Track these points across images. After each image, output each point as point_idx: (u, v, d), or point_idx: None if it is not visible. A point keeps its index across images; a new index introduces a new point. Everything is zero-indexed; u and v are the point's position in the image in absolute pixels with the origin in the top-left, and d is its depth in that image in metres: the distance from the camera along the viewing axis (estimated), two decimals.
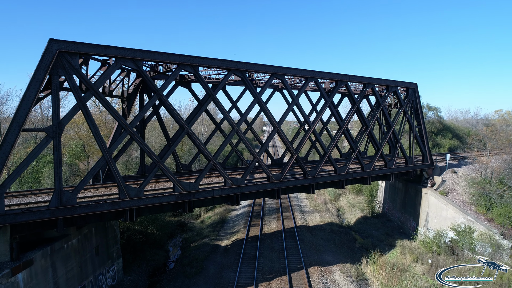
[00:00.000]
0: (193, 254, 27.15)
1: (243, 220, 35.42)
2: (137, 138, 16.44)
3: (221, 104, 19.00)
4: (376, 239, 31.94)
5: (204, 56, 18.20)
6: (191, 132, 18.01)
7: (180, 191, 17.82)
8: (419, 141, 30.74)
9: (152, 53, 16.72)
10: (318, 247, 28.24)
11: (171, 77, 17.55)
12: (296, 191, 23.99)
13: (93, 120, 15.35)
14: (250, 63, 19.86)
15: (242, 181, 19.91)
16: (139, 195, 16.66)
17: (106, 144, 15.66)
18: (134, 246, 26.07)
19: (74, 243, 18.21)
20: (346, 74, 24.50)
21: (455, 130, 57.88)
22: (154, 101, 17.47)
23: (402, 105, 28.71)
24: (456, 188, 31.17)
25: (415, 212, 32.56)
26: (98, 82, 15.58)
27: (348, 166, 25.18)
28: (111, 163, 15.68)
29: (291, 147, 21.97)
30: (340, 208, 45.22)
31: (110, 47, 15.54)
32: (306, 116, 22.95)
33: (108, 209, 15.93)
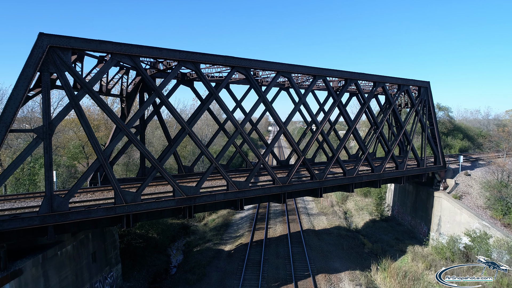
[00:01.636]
0: (196, 259, 26.13)
1: (248, 223, 34.34)
2: (134, 139, 15.43)
3: (224, 103, 17.94)
4: (386, 244, 30.69)
5: (206, 53, 17.15)
6: (192, 132, 16.96)
7: (180, 195, 16.78)
8: (431, 142, 29.42)
9: (151, 49, 15.69)
10: (326, 252, 27.07)
11: (170, 75, 16.51)
12: (303, 195, 22.85)
13: (87, 120, 14.36)
14: (255, 60, 18.76)
15: (246, 185, 18.83)
16: (136, 200, 15.64)
17: (100, 146, 14.67)
18: (134, 251, 25.10)
19: (69, 250, 17.24)
20: (355, 72, 23.32)
21: (466, 131, 56.25)
22: (153, 100, 16.45)
23: (414, 104, 27.43)
24: (470, 191, 29.83)
25: (426, 216, 31.24)
26: (92, 79, 14.58)
27: (358, 168, 23.99)
28: (105, 166, 14.68)
29: (298, 149, 20.84)
30: (347, 210, 43.96)
31: (105, 42, 14.54)
32: (314, 115, 21.80)
33: (102, 215, 14.93)
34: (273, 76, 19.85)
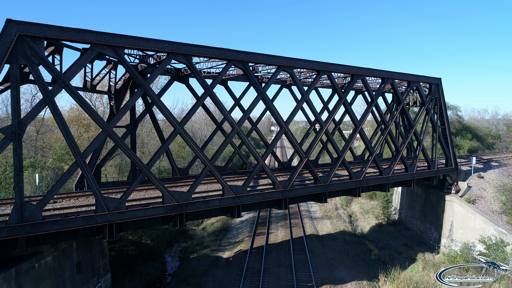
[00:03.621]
0: (192, 268, 24.52)
1: (248, 228, 32.69)
2: (117, 139, 13.83)
3: (219, 100, 16.30)
4: (394, 251, 28.94)
5: (199, 44, 15.52)
6: (184, 132, 15.34)
7: (170, 202, 15.17)
8: (442, 143, 27.64)
9: (136, 39, 14.09)
10: (330, 260, 25.39)
11: (159, 68, 14.92)
12: (306, 200, 21.18)
13: (63, 118, 12.77)
14: (253, 53, 17.12)
15: (243, 190, 17.19)
16: (120, 208, 14.04)
17: (78, 148, 13.08)
18: (126, 258, 23.50)
19: (48, 261, 15.63)
20: (363, 67, 21.63)
21: (475, 131, 54.24)
22: (139, 96, 14.85)
23: (425, 102, 25.68)
24: (483, 195, 28.04)
25: (437, 221, 29.46)
26: (69, 72, 13.00)
27: (365, 171, 22.29)
28: (84, 169, 13.10)
29: (301, 151, 19.16)
30: (352, 214, 42.22)
31: (84, 30, 12.95)
32: (318, 114, 20.13)
33: (81, 225, 13.34)
34: (274, 72, 18.19)
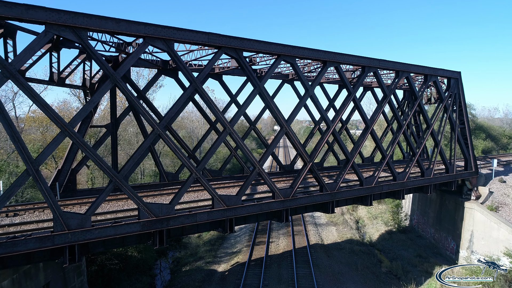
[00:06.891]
0: (183, 284, 22.01)
1: (247, 237, 30.10)
2: (78, 140, 11.29)
3: (207, 95, 13.74)
4: (407, 263, 26.27)
5: (182, 27, 12.95)
6: (163, 133, 12.78)
7: (147, 216, 12.62)
8: (461, 144, 24.88)
9: (104, 19, 11.53)
10: (337, 274, 22.77)
11: (133, 55, 12.37)
12: (311, 210, 18.57)
13: (8, 116, 10.25)
14: (248, 39, 14.53)
15: (237, 200, 14.60)
16: (84, 225, 11.50)
17: (29, 152, 10.56)
18: (109, 274, 21.03)
19: (5, 286, 13.20)
20: (375, 59, 18.97)
21: (488, 130, 51.34)
22: (107, 89, 12.28)
23: (443, 99, 22.97)
24: (507, 201, 25.30)
25: (455, 231, 26.72)
26: (16, 59, 10.46)
27: (377, 176, 19.64)
28: (37, 179, 10.57)
29: (305, 154, 16.53)
30: (359, 219, 39.50)
31: (34, 7, 10.43)
32: (324, 111, 17.50)
33: (34, 248, 10.82)
34: (273, 62, 15.61)
